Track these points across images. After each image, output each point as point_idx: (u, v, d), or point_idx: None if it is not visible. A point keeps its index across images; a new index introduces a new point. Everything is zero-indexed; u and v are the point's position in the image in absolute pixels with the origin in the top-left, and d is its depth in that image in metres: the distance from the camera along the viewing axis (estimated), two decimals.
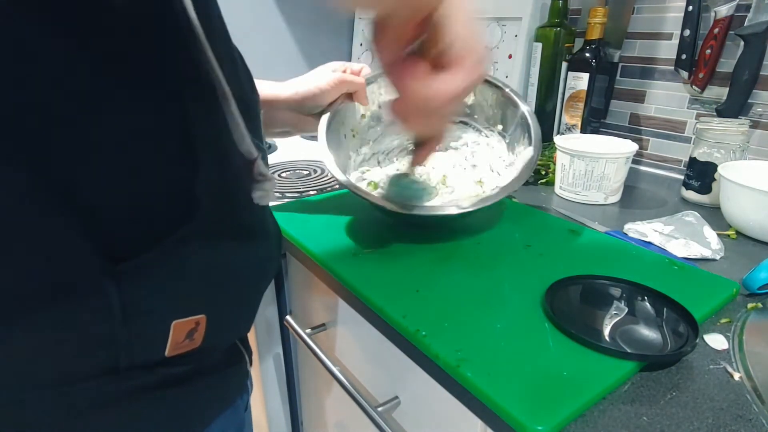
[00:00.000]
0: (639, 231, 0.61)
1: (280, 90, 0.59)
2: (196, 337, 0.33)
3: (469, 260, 0.53)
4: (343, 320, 0.61)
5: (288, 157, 0.96)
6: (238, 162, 0.34)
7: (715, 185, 0.70)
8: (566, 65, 0.90)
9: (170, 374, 0.33)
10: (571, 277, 0.47)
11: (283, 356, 0.78)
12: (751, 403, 0.34)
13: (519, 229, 0.60)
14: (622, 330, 0.40)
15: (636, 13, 0.87)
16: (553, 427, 0.32)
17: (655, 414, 0.33)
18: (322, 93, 0.59)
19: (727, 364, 0.38)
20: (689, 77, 0.81)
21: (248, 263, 0.37)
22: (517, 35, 0.94)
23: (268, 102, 0.59)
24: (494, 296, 0.46)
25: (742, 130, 0.68)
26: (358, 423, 0.63)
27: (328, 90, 0.59)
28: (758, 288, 0.47)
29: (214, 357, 0.37)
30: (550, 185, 0.80)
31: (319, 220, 0.63)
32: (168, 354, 0.32)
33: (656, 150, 0.89)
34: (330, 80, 0.60)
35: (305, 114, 0.61)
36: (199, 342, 0.33)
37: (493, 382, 0.35)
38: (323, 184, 0.79)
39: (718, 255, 0.56)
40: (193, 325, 0.32)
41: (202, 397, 0.36)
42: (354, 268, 0.51)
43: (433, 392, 0.45)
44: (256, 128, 0.38)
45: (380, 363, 0.55)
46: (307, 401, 0.81)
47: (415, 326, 0.41)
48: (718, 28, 0.75)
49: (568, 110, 0.90)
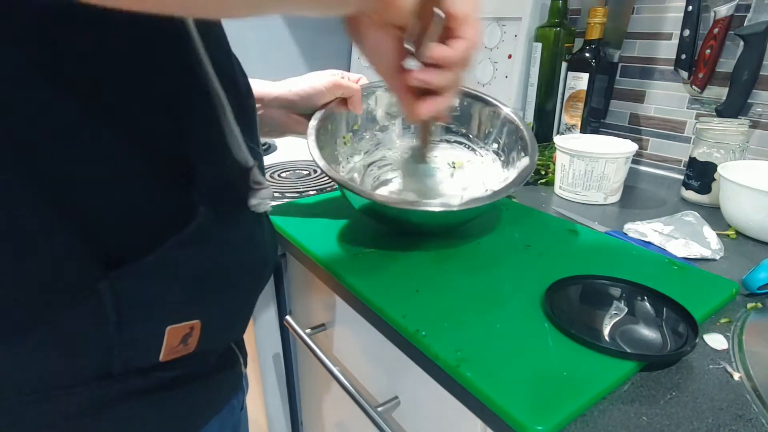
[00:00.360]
0: (639, 231, 0.61)
1: (273, 87, 0.58)
2: (190, 342, 0.33)
3: (469, 260, 0.53)
4: (342, 320, 0.61)
5: (288, 157, 0.96)
6: (234, 170, 0.34)
7: (714, 185, 0.70)
8: (566, 65, 0.90)
9: (164, 378, 0.33)
10: (570, 277, 0.47)
11: (282, 356, 0.78)
12: (751, 403, 0.34)
13: (519, 229, 0.60)
14: (622, 330, 0.40)
15: (636, 13, 0.87)
16: (553, 427, 0.32)
17: (655, 414, 0.33)
18: (317, 93, 0.58)
19: (726, 364, 0.38)
20: (689, 77, 0.81)
21: (243, 269, 0.37)
22: (517, 35, 0.93)
23: (259, 99, 0.57)
24: (494, 296, 0.46)
25: (741, 130, 0.68)
26: (358, 423, 0.63)
27: (323, 91, 0.59)
28: (758, 288, 0.47)
29: (208, 361, 0.37)
30: (550, 185, 0.80)
31: (319, 220, 0.63)
32: (162, 359, 0.32)
33: (656, 150, 0.89)
34: (326, 82, 0.59)
35: (297, 113, 0.60)
36: (194, 347, 0.33)
37: (493, 382, 0.35)
38: (323, 184, 0.79)
39: (717, 255, 0.56)
40: (188, 330, 0.32)
41: (197, 400, 0.36)
42: (354, 268, 0.51)
43: (432, 392, 0.45)
44: (253, 133, 0.38)
45: (380, 363, 0.55)
46: (306, 401, 0.81)
47: (415, 326, 0.41)
48: (717, 28, 0.75)
49: (568, 110, 0.90)
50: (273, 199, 0.72)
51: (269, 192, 0.38)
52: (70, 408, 0.30)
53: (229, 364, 0.40)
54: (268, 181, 0.81)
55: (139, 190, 0.29)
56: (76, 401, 0.30)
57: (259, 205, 0.37)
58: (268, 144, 1.04)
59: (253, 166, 0.35)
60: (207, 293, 0.34)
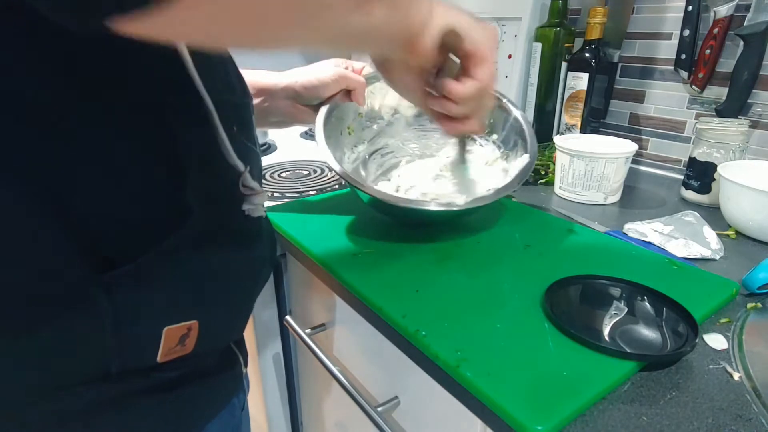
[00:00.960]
0: (639, 231, 0.61)
1: (279, 78, 0.59)
2: (188, 343, 0.33)
3: (469, 260, 0.53)
4: (342, 320, 0.61)
5: (288, 157, 0.96)
6: (227, 173, 0.34)
7: (714, 185, 0.70)
8: (566, 65, 0.90)
9: (163, 379, 0.33)
10: (570, 277, 0.47)
11: (282, 356, 0.78)
12: (751, 403, 0.34)
13: (519, 229, 0.60)
14: (622, 330, 0.40)
15: (636, 13, 0.87)
16: (552, 427, 0.32)
17: (654, 414, 0.33)
18: (322, 85, 0.59)
19: (726, 364, 0.38)
20: (689, 77, 0.81)
21: (240, 269, 0.37)
22: (517, 35, 0.93)
23: (266, 90, 0.58)
24: (494, 296, 0.46)
25: (741, 130, 0.68)
26: (358, 423, 0.63)
27: (329, 83, 0.59)
28: (758, 288, 0.47)
29: (207, 361, 0.37)
30: (550, 185, 0.80)
31: (319, 220, 0.63)
32: (160, 360, 0.32)
33: (656, 150, 0.89)
34: (332, 74, 0.59)
35: (302, 104, 0.61)
36: (192, 347, 0.33)
37: (493, 382, 0.35)
38: (323, 184, 0.79)
39: (717, 255, 0.56)
40: (185, 331, 0.32)
41: (197, 400, 0.36)
42: (354, 268, 0.51)
43: (432, 392, 0.45)
44: (249, 133, 0.38)
45: (380, 363, 0.55)
46: (306, 401, 0.81)
47: (415, 326, 0.41)
48: (717, 28, 0.75)
49: (568, 110, 0.90)
50: (270, 200, 0.72)
51: (263, 197, 0.38)
52: (69, 408, 0.30)
53: (229, 364, 0.40)
54: (268, 181, 0.81)
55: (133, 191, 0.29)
56: (76, 402, 0.30)
57: (253, 210, 0.37)
58: (267, 144, 1.04)
59: (244, 171, 0.35)
60: (204, 293, 0.34)
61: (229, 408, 0.40)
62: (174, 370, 0.33)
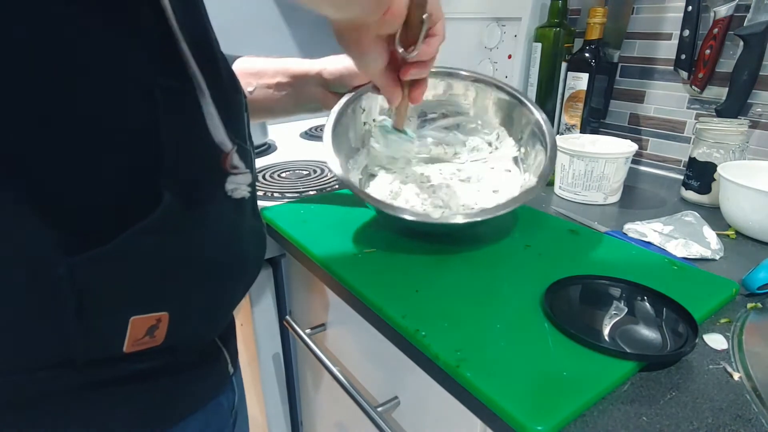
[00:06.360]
0: (638, 231, 0.61)
1: (311, 65, 0.61)
2: (157, 335, 0.32)
3: (469, 260, 0.53)
4: (342, 320, 0.61)
5: (288, 157, 0.96)
6: (211, 153, 0.33)
7: (714, 185, 0.70)
8: (566, 65, 0.90)
9: (135, 370, 0.32)
10: (570, 277, 0.47)
11: (282, 356, 0.79)
12: (751, 403, 0.34)
13: (519, 229, 0.60)
14: (622, 330, 0.40)
15: (635, 14, 0.87)
16: (552, 427, 0.32)
17: (654, 414, 0.33)
18: (350, 75, 0.59)
19: (726, 364, 0.38)
20: (689, 77, 0.81)
21: (220, 260, 0.36)
22: (517, 35, 0.94)
23: (299, 77, 0.61)
24: (494, 296, 0.46)
25: (741, 130, 0.68)
26: (358, 423, 0.63)
27: (358, 75, 0.58)
28: (758, 288, 0.47)
29: (186, 355, 0.36)
30: (550, 185, 0.80)
31: (319, 220, 0.63)
32: (126, 350, 0.31)
33: (656, 150, 0.89)
34: None
35: (332, 91, 0.61)
36: (161, 339, 0.32)
37: (493, 382, 0.35)
38: (323, 184, 0.79)
39: (717, 255, 0.56)
40: (154, 322, 0.31)
41: (171, 393, 0.35)
42: (354, 268, 0.51)
43: (432, 392, 0.45)
44: (239, 128, 0.37)
45: (380, 363, 0.56)
46: (306, 401, 0.81)
47: (415, 326, 0.41)
48: (717, 28, 0.75)
49: (568, 110, 0.90)
50: (270, 200, 0.72)
51: (247, 177, 0.37)
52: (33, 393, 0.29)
53: (210, 360, 0.39)
54: (268, 181, 0.81)
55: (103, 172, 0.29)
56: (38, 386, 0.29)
57: (235, 190, 0.36)
58: (267, 144, 1.04)
59: (231, 150, 0.34)
60: (176, 284, 0.32)
61: (213, 407, 0.39)
62: (144, 361, 0.32)
